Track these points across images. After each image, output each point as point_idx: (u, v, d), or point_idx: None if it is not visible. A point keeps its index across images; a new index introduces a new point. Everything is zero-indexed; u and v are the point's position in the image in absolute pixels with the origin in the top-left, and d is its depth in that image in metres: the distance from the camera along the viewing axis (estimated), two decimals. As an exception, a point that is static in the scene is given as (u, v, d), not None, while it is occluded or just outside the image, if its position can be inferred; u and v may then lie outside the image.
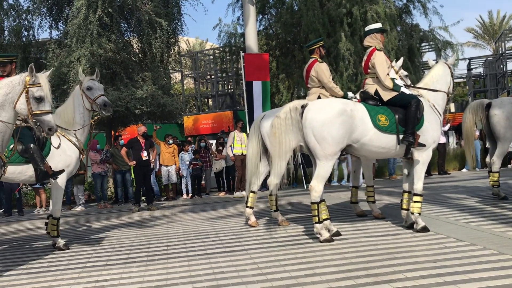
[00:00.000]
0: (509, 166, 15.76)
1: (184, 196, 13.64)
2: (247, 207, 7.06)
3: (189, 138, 16.35)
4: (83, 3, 13.34)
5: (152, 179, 12.67)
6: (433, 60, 7.91)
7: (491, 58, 31.31)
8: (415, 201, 5.74)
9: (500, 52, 29.28)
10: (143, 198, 11.47)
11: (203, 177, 14.25)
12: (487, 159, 8.39)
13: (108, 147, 12.95)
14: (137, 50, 15.63)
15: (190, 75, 30.63)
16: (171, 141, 13.34)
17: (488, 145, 8.80)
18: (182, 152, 13.87)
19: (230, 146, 12.75)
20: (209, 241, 6.12)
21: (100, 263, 5.35)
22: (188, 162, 13.66)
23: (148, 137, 11.49)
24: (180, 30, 15.89)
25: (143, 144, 11.06)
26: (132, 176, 12.73)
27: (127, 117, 14.49)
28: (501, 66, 28.78)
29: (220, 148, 13.77)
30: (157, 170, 13.41)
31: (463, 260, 4.29)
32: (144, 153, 10.98)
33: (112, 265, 5.19)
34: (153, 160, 11.85)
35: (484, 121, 8.26)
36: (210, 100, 29.50)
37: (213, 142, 15.10)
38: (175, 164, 13.38)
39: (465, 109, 8.58)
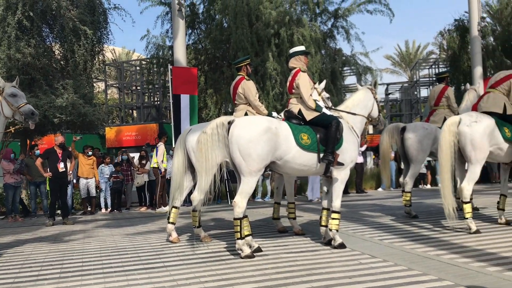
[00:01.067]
0: (420, 186, 16.79)
1: (103, 210, 13.14)
2: (169, 222, 6.93)
3: (123, 149, 15.78)
4: (1, 4, 12.63)
5: (69, 193, 12.11)
6: (354, 84, 8.32)
7: (406, 84, 33.44)
8: (333, 218, 5.94)
9: (415, 79, 31.41)
10: (58, 211, 10.91)
11: (124, 191, 13.82)
12: (401, 180, 8.88)
13: (23, 157, 12.22)
14: (59, 57, 14.98)
15: (114, 85, 29.80)
16: (90, 153, 12.84)
17: (402, 166, 9.33)
18: (102, 164, 13.38)
19: (162, 160, 12.44)
20: (127, 258, 5.93)
21: (6, 280, 4.99)
22: (107, 175, 13.20)
23: (65, 148, 10.98)
24: (105, 39, 15.47)
25: (60, 155, 10.54)
26: (48, 188, 12.08)
27: (44, 126, 13.75)
28: (415, 93, 30.86)
29: (143, 161, 13.45)
30: (74, 182, 12.82)
31: (376, 276, 4.49)
32: (61, 165, 10.47)
33: (19, 282, 4.87)
34: (70, 172, 11.32)
35: (399, 143, 8.75)
36: (134, 111, 28.83)
37: (135, 155, 14.69)
38: (95, 177, 12.87)
39: (382, 131, 9.07)
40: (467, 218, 6.59)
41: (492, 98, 7.04)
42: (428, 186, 16.95)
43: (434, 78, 23.54)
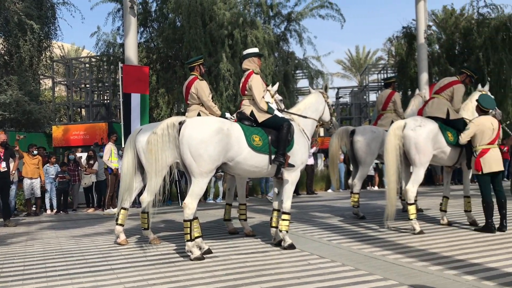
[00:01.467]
0: (368, 188, 17.24)
1: (48, 211, 12.67)
2: (117, 224, 6.77)
3: (79, 148, 15.22)
4: None
5: (12, 193, 11.59)
6: (307, 87, 8.47)
7: (356, 89, 34.30)
8: (283, 219, 6.01)
9: (364, 84, 32.27)
10: None
11: (71, 192, 13.39)
12: (350, 181, 9.09)
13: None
14: (2, 51, 14.36)
15: (62, 82, 28.84)
16: (35, 152, 12.35)
17: (351, 168, 9.55)
18: (47, 164, 12.90)
19: (109, 159, 12.11)
20: (73, 260, 5.75)
21: None
22: (53, 175, 12.75)
23: (8, 147, 10.50)
24: (53, 35, 15.00)
25: (1, 154, 10.07)
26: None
27: (-15, 123, 13.17)
28: (365, 97, 31.70)
29: (91, 162, 13.08)
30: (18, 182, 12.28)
31: (324, 276, 4.58)
32: (3, 164, 10.00)
33: (-45, 288, 4.62)
34: (13, 172, 10.83)
35: (348, 146, 8.96)
36: (83, 110, 28.01)
37: (81, 155, 14.25)
38: (40, 177, 12.38)
39: (332, 134, 9.24)
40: (411, 219, 6.83)
41: (436, 104, 7.35)
42: (376, 188, 17.41)
43: (382, 83, 24.40)
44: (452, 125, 7.22)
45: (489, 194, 6.76)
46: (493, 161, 6.66)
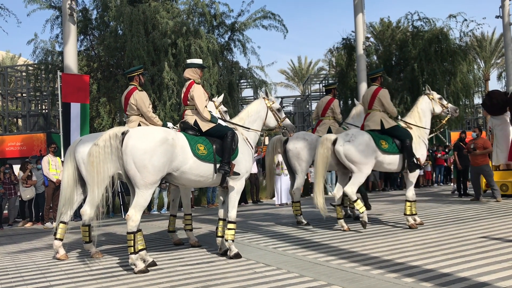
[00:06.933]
0: (311, 195, 17.49)
1: (-19, 227, 11.96)
2: (56, 239, 6.52)
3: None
4: None
5: None
6: (251, 96, 8.59)
7: (299, 98, 34.95)
8: (229, 228, 6.02)
9: (307, 93, 32.97)
10: None
11: (6, 206, 12.71)
12: (290, 190, 9.18)
13: None
14: None
15: (-4, 92, 27.44)
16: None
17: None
18: (-19, 177, 12.22)
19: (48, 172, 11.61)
20: (8, 278, 5.47)
21: None
22: (-12, 189, 12.08)
23: None
24: (-14, 41, 14.25)
25: None
26: None
27: None
28: (307, 106, 32.36)
29: (29, 174, 12.50)
30: None
31: (270, 284, 4.62)
32: None
33: None
34: None
35: (282, 155, 9.09)
36: (20, 120, 26.78)
37: (16, 166, 13.57)
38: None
39: (268, 143, 9.39)
40: (362, 212, 7.46)
41: (371, 117, 7.96)
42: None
43: (324, 92, 25.01)
44: (389, 134, 7.66)
45: None
46: None
